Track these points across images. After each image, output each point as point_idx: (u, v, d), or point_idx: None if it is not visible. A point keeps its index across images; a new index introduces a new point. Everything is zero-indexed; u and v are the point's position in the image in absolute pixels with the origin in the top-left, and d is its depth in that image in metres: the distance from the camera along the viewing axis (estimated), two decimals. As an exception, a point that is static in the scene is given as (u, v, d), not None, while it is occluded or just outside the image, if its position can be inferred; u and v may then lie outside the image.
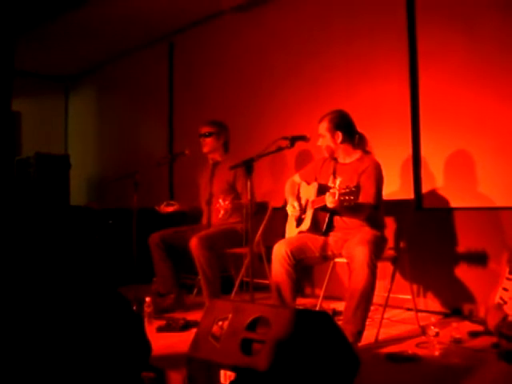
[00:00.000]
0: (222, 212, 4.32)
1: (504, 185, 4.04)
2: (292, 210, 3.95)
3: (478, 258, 4.16)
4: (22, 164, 7.31)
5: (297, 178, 4.20)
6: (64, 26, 6.68)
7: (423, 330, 3.67)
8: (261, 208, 4.76)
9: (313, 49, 5.31)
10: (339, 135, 3.83)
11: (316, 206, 3.78)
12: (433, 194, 4.42)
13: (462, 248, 4.29)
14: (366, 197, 3.62)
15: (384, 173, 3.80)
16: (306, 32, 5.39)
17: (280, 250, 3.68)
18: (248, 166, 3.56)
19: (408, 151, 4.54)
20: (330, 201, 3.42)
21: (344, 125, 3.85)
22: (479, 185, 4.17)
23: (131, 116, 7.75)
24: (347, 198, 3.30)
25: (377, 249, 3.54)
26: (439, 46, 4.37)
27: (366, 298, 3.42)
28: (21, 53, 7.27)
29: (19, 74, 7.75)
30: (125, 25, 6.61)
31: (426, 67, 4.47)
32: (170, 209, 4.84)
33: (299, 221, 3.95)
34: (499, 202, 4.07)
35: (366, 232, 3.68)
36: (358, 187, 3.31)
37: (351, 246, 3.55)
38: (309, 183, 4.04)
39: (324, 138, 3.85)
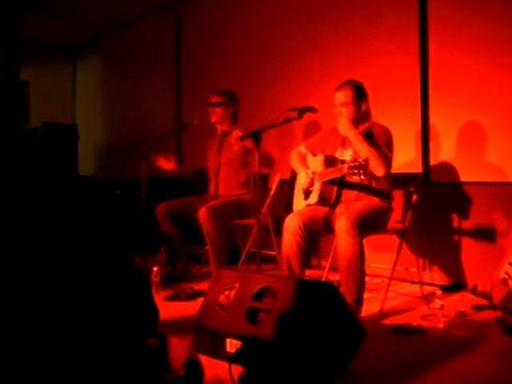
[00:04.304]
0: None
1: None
2: (305, 177, 3.93)
3: (486, 233, 4.16)
4: (30, 134, 7.30)
5: (302, 148, 4.17)
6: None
7: (428, 303, 3.69)
8: (267, 179, 4.78)
9: (323, 19, 5.24)
10: (365, 104, 3.81)
11: (324, 179, 3.77)
12: (441, 167, 4.41)
13: (469, 222, 4.28)
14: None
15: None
16: (318, 1, 5.33)
17: (292, 223, 3.67)
18: (256, 137, 3.56)
19: (417, 124, 4.51)
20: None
21: (365, 93, 3.83)
22: (489, 159, 4.15)
23: (139, 85, 7.72)
24: (356, 171, 3.29)
25: (369, 219, 3.54)
26: (450, 20, 4.31)
27: (354, 267, 3.42)
28: (28, 21, 7.23)
29: (26, 42, 7.73)
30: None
31: (436, 40, 4.41)
32: (166, 165, 4.82)
33: (307, 193, 3.94)
34: (509, 177, 4.05)
35: (365, 202, 3.70)
36: (366, 160, 3.29)
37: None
38: (315, 154, 4.02)
39: (348, 107, 3.77)
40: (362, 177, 3.31)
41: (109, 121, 8.46)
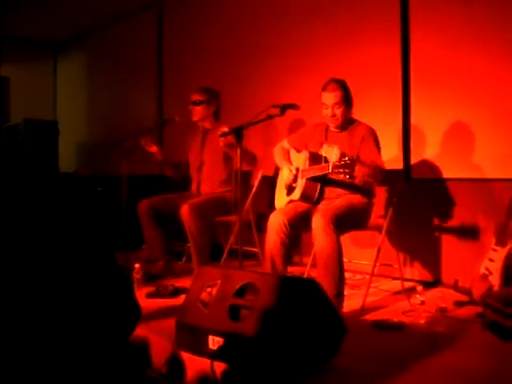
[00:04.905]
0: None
1: (496, 156, 4.03)
2: (288, 173, 3.94)
3: (466, 229, 4.18)
4: (11, 131, 7.24)
5: (285, 143, 4.17)
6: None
7: (409, 299, 3.71)
8: (249, 176, 4.77)
9: (302, 14, 5.24)
10: (352, 104, 3.82)
11: (308, 176, 3.77)
12: (422, 164, 4.43)
13: (450, 219, 4.31)
14: (375, 162, 3.60)
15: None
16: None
17: (277, 220, 3.67)
18: (238, 134, 3.56)
19: (398, 120, 4.52)
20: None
21: (350, 92, 3.83)
22: (470, 155, 4.17)
23: (121, 81, 7.68)
24: (341, 170, 3.28)
25: (347, 216, 3.56)
26: (431, 9, 4.30)
27: (331, 264, 3.44)
28: (9, 18, 7.16)
29: (7, 39, 7.65)
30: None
31: (417, 30, 4.40)
32: (152, 148, 4.78)
33: (290, 189, 3.94)
34: (491, 173, 4.06)
35: (345, 199, 3.72)
36: (353, 160, 3.26)
37: None
38: (299, 150, 4.03)
39: (340, 107, 3.76)
40: (347, 176, 3.30)
41: (90, 118, 8.41)
